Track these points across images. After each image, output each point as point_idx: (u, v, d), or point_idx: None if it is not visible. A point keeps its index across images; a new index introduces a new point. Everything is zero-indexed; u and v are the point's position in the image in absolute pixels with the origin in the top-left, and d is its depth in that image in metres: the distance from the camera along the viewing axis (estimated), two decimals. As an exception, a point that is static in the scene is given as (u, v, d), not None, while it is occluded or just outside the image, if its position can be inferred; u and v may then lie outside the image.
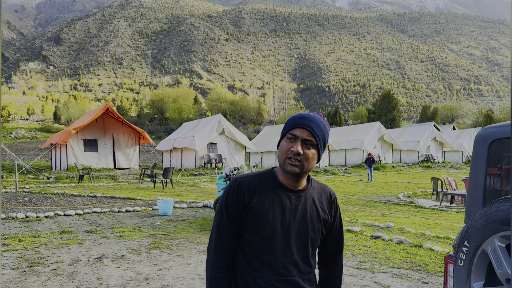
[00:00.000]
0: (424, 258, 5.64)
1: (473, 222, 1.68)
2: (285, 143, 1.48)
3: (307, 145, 1.45)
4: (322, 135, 1.49)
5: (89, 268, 5.06)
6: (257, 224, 1.46)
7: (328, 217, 1.57)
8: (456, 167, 31.16)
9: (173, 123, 62.94)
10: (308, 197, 1.53)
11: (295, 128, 1.47)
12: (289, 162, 1.44)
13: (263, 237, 1.46)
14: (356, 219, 8.85)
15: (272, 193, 1.48)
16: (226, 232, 1.49)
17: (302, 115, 1.51)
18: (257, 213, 1.46)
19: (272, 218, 1.46)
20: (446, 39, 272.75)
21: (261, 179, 1.52)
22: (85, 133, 19.39)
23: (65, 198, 11.50)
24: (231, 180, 1.56)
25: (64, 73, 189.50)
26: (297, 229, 1.49)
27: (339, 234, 1.66)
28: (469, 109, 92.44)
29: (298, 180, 1.50)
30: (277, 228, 1.46)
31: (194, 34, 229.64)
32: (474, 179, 2.06)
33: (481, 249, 1.65)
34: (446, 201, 13.01)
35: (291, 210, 1.49)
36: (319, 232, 1.54)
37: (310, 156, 1.46)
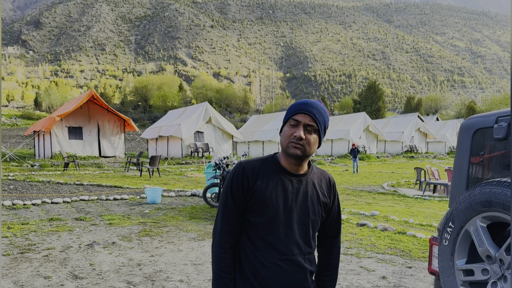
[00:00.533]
0: (408, 244, 5.86)
1: (458, 204, 1.82)
2: (288, 129, 1.55)
3: (309, 130, 1.53)
4: (323, 120, 1.56)
5: (81, 255, 5.11)
6: (260, 206, 1.53)
7: (327, 201, 1.65)
8: (439, 158, 31.85)
9: (157, 111, 62.42)
10: (309, 181, 1.60)
11: (298, 114, 1.54)
12: (292, 145, 1.51)
13: (267, 219, 1.53)
14: (343, 208, 9.05)
15: (275, 177, 1.56)
16: (231, 214, 1.56)
17: (304, 101, 1.58)
18: (260, 196, 1.53)
19: (275, 201, 1.53)
20: (431, 30, 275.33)
21: (264, 163, 1.59)
22: (69, 120, 19.14)
23: (51, 186, 11.42)
24: (236, 164, 1.60)
25: (44, 59, 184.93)
26: (298, 211, 1.56)
27: (337, 218, 1.73)
28: (452, 101, 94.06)
29: (300, 164, 1.57)
30: (279, 210, 1.53)
31: (179, 20, 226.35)
32: (458, 165, 2.20)
33: (464, 229, 1.80)
34: (429, 190, 13.36)
35: (293, 193, 1.56)
36: (319, 215, 1.62)
37: (312, 141, 1.53)
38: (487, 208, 1.66)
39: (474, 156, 2.12)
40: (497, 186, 1.63)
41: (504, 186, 1.60)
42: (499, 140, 1.96)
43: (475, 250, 1.77)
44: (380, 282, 4.31)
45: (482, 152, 2.07)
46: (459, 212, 1.80)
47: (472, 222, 1.74)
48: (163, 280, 4.24)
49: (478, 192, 1.70)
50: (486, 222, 1.71)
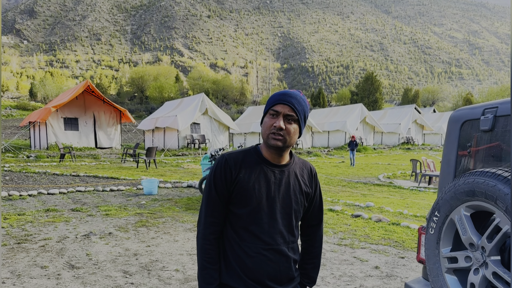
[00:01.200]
0: (401, 235, 5.93)
1: (443, 194, 1.87)
2: (268, 119, 1.56)
3: (289, 120, 1.53)
4: (302, 109, 1.57)
5: (78, 245, 5.16)
6: (244, 197, 1.55)
7: (309, 190, 1.68)
8: (435, 149, 32.00)
9: (154, 102, 62.23)
10: (291, 172, 1.63)
11: (277, 104, 1.55)
12: (272, 136, 1.52)
13: (250, 210, 1.56)
14: (338, 199, 9.13)
15: (257, 168, 1.58)
16: (215, 206, 1.58)
17: (283, 92, 1.58)
18: (243, 187, 1.54)
19: (258, 192, 1.55)
20: (429, 21, 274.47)
21: (247, 155, 1.61)
22: (65, 111, 19.07)
23: (47, 177, 11.44)
24: (218, 157, 1.66)
25: (39, 48, 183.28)
26: (281, 201, 1.59)
27: (319, 207, 1.77)
28: (450, 92, 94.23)
29: (281, 155, 1.59)
30: (263, 201, 1.56)
31: (175, 10, 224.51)
32: (446, 156, 2.25)
33: (449, 218, 1.85)
34: (424, 182, 13.45)
35: (275, 183, 1.58)
36: (301, 204, 1.65)
37: (292, 131, 1.54)
38: (470, 197, 1.71)
39: (462, 147, 2.16)
40: (480, 176, 1.68)
41: (486, 176, 1.65)
42: (485, 132, 2.00)
43: (459, 238, 1.82)
44: (373, 272, 4.38)
45: (469, 144, 2.11)
46: (445, 202, 1.84)
47: (457, 211, 1.79)
48: (159, 270, 4.30)
49: (462, 182, 1.75)
50: (470, 211, 1.76)
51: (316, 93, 68.50)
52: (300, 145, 27.07)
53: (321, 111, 36.67)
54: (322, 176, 13.92)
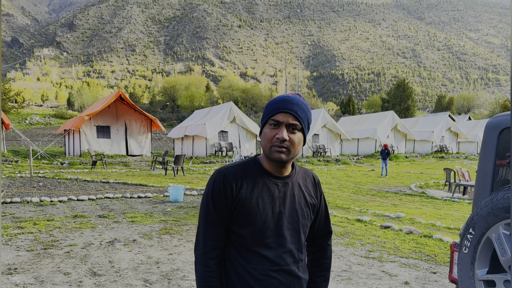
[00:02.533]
0: (434, 249, 5.62)
1: (479, 209, 1.67)
2: (269, 130, 1.42)
3: (292, 130, 1.41)
4: (305, 117, 1.44)
5: (101, 252, 5.17)
6: (247, 216, 1.41)
7: (315, 201, 1.55)
8: (471, 158, 30.74)
9: (184, 111, 63.20)
10: (294, 183, 1.50)
11: (278, 114, 1.41)
12: (275, 149, 1.39)
13: (255, 229, 1.41)
14: (366, 209, 8.83)
15: (259, 182, 1.44)
16: (215, 228, 1.43)
17: (282, 98, 1.45)
18: (246, 205, 1.41)
19: (262, 209, 1.42)
20: (464, 27, 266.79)
21: (246, 168, 1.47)
22: (98, 119, 19.61)
23: (78, 184, 11.71)
24: (214, 172, 1.47)
25: (77, 60, 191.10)
26: (288, 216, 1.46)
27: (325, 217, 1.64)
28: (486, 99, 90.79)
29: (284, 166, 1.47)
30: (268, 218, 1.42)
31: (207, 21, 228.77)
32: (482, 167, 2.04)
33: (485, 236, 1.65)
34: (459, 192, 12.88)
35: (280, 197, 1.45)
36: (308, 217, 1.52)
37: (297, 141, 1.41)
38: (510, 214, 1.51)
39: (500, 157, 1.95)
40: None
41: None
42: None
43: (497, 260, 1.62)
44: (402, 287, 4.14)
45: (509, 153, 1.91)
46: (481, 218, 1.65)
47: (494, 229, 1.59)
48: (179, 279, 4.22)
49: (501, 196, 1.55)
50: (510, 229, 1.56)
51: (346, 100, 67.59)
52: (328, 152, 26.66)
53: (350, 118, 36.06)
54: (350, 185, 13.58)
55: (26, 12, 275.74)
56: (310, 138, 25.77)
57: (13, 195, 9.25)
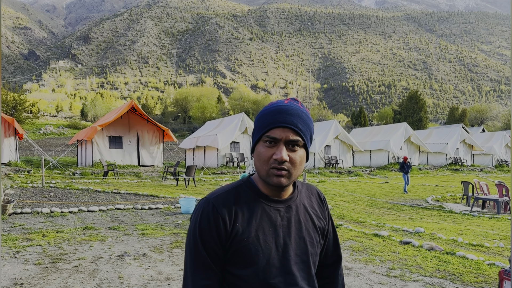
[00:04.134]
0: (458, 267, 5.32)
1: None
2: (264, 149, 1.15)
3: (293, 147, 1.15)
4: (308, 130, 1.18)
5: (111, 266, 5.00)
6: (247, 254, 1.15)
7: (323, 224, 1.31)
8: (486, 171, 30.08)
9: (196, 122, 63.48)
10: (299, 205, 1.25)
11: (274, 129, 1.15)
12: (274, 173, 1.13)
13: (258, 269, 1.15)
14: (383, 223, 8.54)
15: (257, 210, 1.18)
16: (207, 272, 1.15)
17: (278, 108, 1.17)
18: (244, 241, 1.14)
19: (264, 243, 1.16)
20: (476, 39, 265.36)
21: (239, 193, 1.20)
22: (110, 130, 19.65)
23: (89, 194, 11.62)
24: (200, 202, 1.22)
25: (92, 72, 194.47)
26: (295, 248, 1.20)
27: (334, 240, 1.38)
28: (499, 111, 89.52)
29: (284, 190, 1.22)
30: (272, 254, 1.17)
31: (219, 34, 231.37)
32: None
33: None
34: (477, 206, 12.48)
35: (284, 226, 1.20)
36: (317, 245, 1.27)
37: (298, 161, 1.16)
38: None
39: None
40: None
41: None
42: None
43: None
44: (429, 310, 3.87)
45: None
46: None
47: None
48: (191, 297, 4.02)
49: None
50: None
51: (357, 112, 67.17)
52: (340, 164, 26.32)
53: (362, 130, 35.69)
54: (364, 198, 13.26)
55: (43, 26, 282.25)
56: (322, 149, 25.49)
57: (23, 205, 9.17)
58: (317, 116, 76.53)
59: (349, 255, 5.82)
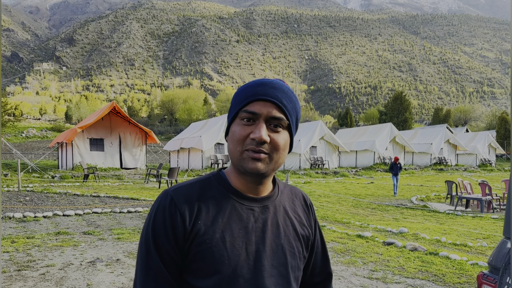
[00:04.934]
0: (441, 267, 5.21)
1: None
2: (239, 128, 0.95)
3: (275, 127, 0.95)
4: (293, 109, 0.98)
5: (80, 273, 4.74)
6: (208, 260, 0.92)
7: (307, 232, 1.08)
8: (470, 171, 30.42)
9: (182, 124, 63.04)
10: (278, 207, 1.03)
11: (253, 102, 0.95)
12: (250, 155, 0.93)
13: (221, 280, 0.92)
14: (367, 224, 8.43)
15: (225, 207, 0.97)
16: (159, 281, 0.93)
17: (261, 81, 0.98)
18: (206, 244, 0.93)
19: (231, 247, 0.94)
20: (459, 41, 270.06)
21: (205, 187, 0.99)
22: (91, 132, 19.24)
23: (67, 198, 11.28)
24: (159, 195, 1.00)
25: (76, 74, 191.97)
26: (270, 257, 0.97)
27: (322, 254, 1.16)
28: (482, 112, 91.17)
29: (262, 182, 1.00)
30: (240, 261, 0.94)
31: (205, 36, 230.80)
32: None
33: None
34: (461, 205, 12.50)
35: (257, 229, 0.98)
36: (300, 256, 1.04)
37: (282, 143, 0.95)
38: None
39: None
40: None
41: None
42: None
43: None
44: (410, 313, 3.73)
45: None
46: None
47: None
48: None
49: None
50: None
51: (344, 113, 67.56)
52: (326, 165, 26.27)
53: (348, 130, 35.79)
54: (349, 198, 13.18)
55: (27, 28, 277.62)
56: (308, 150, 25.40)
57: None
58: (304, 117, 76.72)
59: (331, 257, 5.66)
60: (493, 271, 1.44)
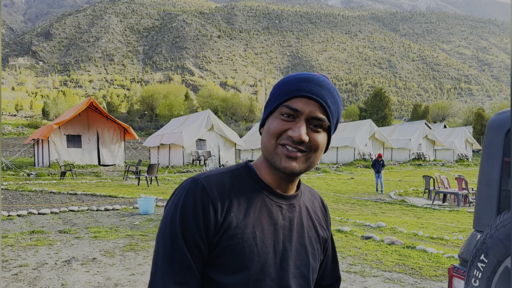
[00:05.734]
0: (417, 261, 5.30)
1: (493, 230, 1.27)
2: (278, 122, 0.90)
3: (316, 127, 0.90)
4: (336, 111, 0.94)
5: (55, 273, 4.63)
6: (238, 255, 0.87)
7: (326, 234, 1.06)
8: (448, 165, 31.12)
9: (163, 120, 62.37)
10: (302, 207, 1.00)
11: (297, 98, 0.89)
12: (285, 152, 0.88)
13: (248, 277, 0.87)
14: (347, 218, 8.52)
15: (256, 202, 0.92)
16: (184, 274, 0.86)
17: (307, 76, 0.91)
18: (237, 238, 0.87)
19: (261, 243, 0.89)
20: (437, 39, 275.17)
21: (236, 179, 0.94)
22: (68, 128, 18.80)
23: (43, 196, 11.00)
24: (185, 181, 0.92)
25: (54, 69, 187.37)
26: (295, 257, 0.94)
27: (333, 258, 1.13)
28: (460, 108, 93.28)
29: (293, 181, 0.96)
30: (269, 260, 0.90)
31: (186, 31, 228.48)
32: (486, 175, 1.67)
33: (503, 266, 1.23)
34: (438, 199, 12.77)
35: (285, 227, 0.94)
36: (318, 258, 1.02)
37: (321, 145, 0.91)
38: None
39: (508, 162, 1.59)
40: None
41: None
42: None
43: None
44: (387, 307, 3.77)
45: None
46: (496, 242, 1.23)
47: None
48: (138, 304, 3.74)
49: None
50: None
51: (325, 110, 68.01)
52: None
53: (329, 127, 36.08)
54: (330, 194, 13.29)
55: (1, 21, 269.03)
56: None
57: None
58: (285, 113, 76.93)
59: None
60: (463, 264, 1.46)
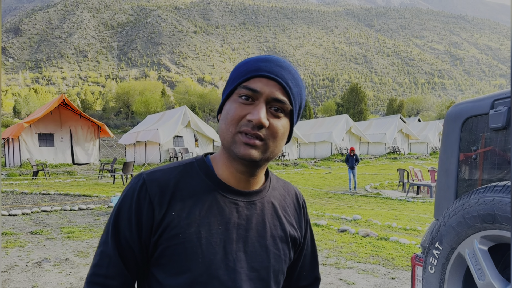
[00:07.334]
0: (391, 252, 5.43)
1: (447, 218, 1.30)
2: (235, 106, 0.82)
3: (276, 111, 0.83)
4: (299, 93, 0.86)
5: (26, 275, 4.51)
6: (179, 257, 0.82)
7: (297, 234, 0.97)
8: (422, 158, 31.88)
9: (139, 117, 61.48)
10: (266, 204, 0.92)
11: (256, 78, 0.82)
12: (243, 139, 0.80)
13: (192, 279, 0.82)
14: (324, 212, 8.63)
15: (205, 199, 0.86)
16: (109, 267, 0.83)
17: (266, 57, 0.85)
18: (178, 238, 0.82)
19: (206, 244, 0.83)
20: (411, 34, 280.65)
21: (185, 174, 0.87)
22: (40, 127, 18.28)
23: (14, 197, 10.69)
24: (133, 177, 0.89)
25: (25, 66, 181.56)
26: (250, 259, 0.87)
27: (311, 257, 1.05)
28: (433, 102, 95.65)
29: (254, 174, 0.88)
30: (216, 262, 0.83)
31: (162, 26, 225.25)
32: (444, 165, 1.72)
33: (456, 252, 1.26)
34: (412, 192, 13.09)
35: (240, 226, 0.87)
36: (285, 259, 0.93)
37: (281, 131, 0.83)
38: (488, 224, 1.12)
39: (465, 152, 1.64)
40: (503, 192, 1.10)
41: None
42: (497, 130, 1.47)
43: (473, 283, 1.26)
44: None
45: (475, 147, 1.59)
46: (449, 229, 1.27)
47: (467, 243, 1.20)
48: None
49: (475, 201, 1.15)
50: (488, 243, 1.17)
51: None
52: (286, 156, 26.59)
53: (307, 122, 36.40)
54: (307, 189, 13.43)
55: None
56: (267, 142, 25.55)
57: None
58: (263, 109, 77.14)
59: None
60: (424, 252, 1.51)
